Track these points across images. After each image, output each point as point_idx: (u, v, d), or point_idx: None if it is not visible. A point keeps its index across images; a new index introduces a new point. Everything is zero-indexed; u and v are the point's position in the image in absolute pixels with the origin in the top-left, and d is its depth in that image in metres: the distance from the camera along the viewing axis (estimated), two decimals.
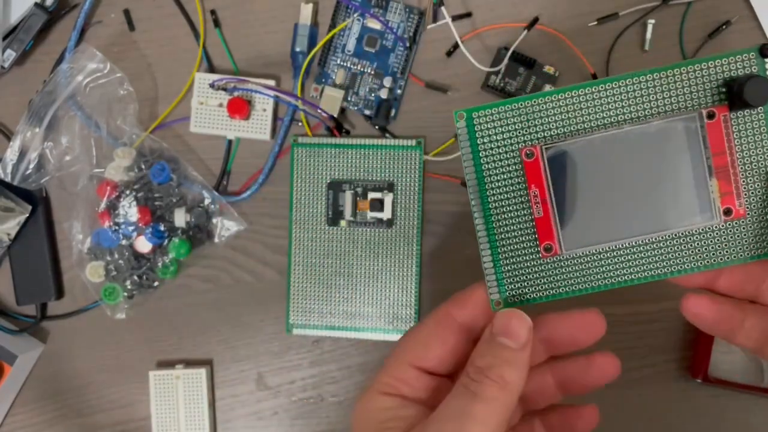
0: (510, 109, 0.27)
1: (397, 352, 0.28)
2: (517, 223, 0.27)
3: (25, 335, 0.50)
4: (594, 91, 0.27)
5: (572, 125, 0.27)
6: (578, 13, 0.48)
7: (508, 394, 0.25)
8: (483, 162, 0.27)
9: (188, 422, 0.48)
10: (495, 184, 0.27)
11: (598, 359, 0.29)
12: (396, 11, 0.48)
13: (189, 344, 0.50)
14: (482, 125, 0.27)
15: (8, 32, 0.49)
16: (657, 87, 0.27)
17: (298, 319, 0.48)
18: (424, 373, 0.27)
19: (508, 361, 0.26)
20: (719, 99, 0.27)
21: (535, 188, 0.27)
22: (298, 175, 0.48)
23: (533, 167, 0.27)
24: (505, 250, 0.28)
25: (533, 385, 0.29)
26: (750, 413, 0.47)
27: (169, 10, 0.50)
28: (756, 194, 0.27)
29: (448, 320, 0.28)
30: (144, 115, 0.50)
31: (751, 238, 0.27)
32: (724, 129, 0.27)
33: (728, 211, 0.27)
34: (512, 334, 0.26)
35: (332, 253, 0.48)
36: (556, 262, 0.28)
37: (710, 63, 0.27)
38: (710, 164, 0.27)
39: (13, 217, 0.48)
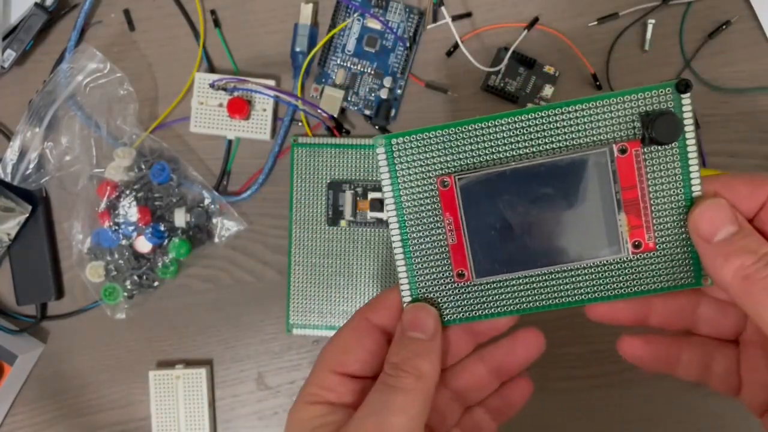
0: (427, 137, 0.27)
1: (318, 361, 0.29)
2: (433, 247, 0.28)
3: (25, 335, 0.50)
4: (509, 122, 0.27)
5: (487, 156, 0.27)
6: (578, 13, 0.48)
7: (424, 383, 0.26)
8: (402, 188, 0.28)
9: (188, 422, 0.48)
10: (412, 209, 0.28)
11: (520, 335, 0.30)
12: (396, 11, 0.48)
13: (189, 344, 0.50)
14: (401, 152, 0.27)
15: (8, 32, 0.49)
16: (572, 120, 0.27)
17: (298, 319, 0.48)
18: (348, 377, 0.28)
19: (419, 353, 0.27)
20: (633, 134, 0.27)
21: (450, 216, 0.28)
22: (298, 175, 0.48)
23: (448, 196, 0.27)
24: (421, 271, 0.28)
25: (467, 380, 0.30)
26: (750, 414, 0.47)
27: (169, 10, 0.50)
28: (667, 228, 0.27)
29: (365, 324, 0.29)
30: (144, 115, 0.50)
31: (661, 271, 0.28)
32: (636, 164, 0.27)
33: (638, 244, 0.27)
34: (420, 326, 0.27)
35: (332, 253, 0.48)
36: (468, 287, 0.28)
37: (626, 97, 0.27)
38: (619, 198, 0.27)
39: (13, 217, 0.49)
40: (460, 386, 0.30)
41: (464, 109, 0.48)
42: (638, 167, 0.27)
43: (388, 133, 0.27)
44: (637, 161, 0.27)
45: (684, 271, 0.28)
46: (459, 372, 0.30)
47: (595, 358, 0.47)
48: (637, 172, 0.27)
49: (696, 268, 0.28)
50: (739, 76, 0.47)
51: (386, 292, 0.29)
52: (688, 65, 0.47)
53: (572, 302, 0.28)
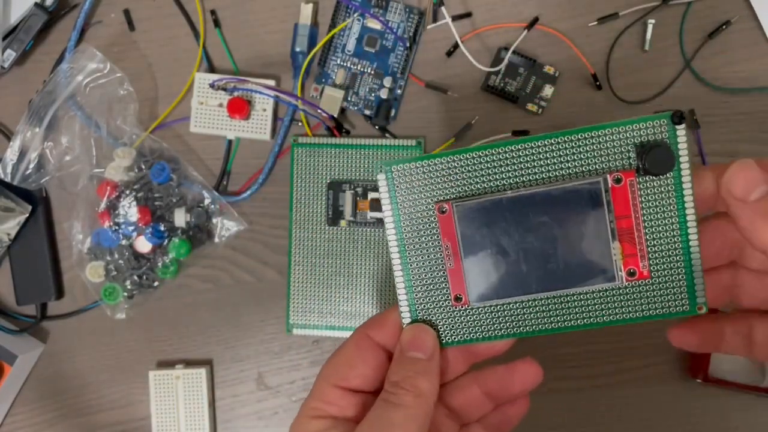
0: (428, 165, 0.28)
1: (321, 375, 0.29)
2: (432, 271, 0.29)
3: (25, 335, 0.50)
4: (506, 152, 0.28)
5: (485, 183, 0.28)
6: (578, 13, 0.48)
7: (423, 401, 0.27)
8: (401, 213, 0.28)
9: (188, 422, 0.48)
10: (412, 234, 0.29)
11: (518, 367, 0.30)
12: (396, 11, 0.48)
13: (189, 344, 0.50)
14: (401, 178, 0.28)
15: (8, 32, 0.49)
16: (568, 149, 0.27)
17: (298, 319, 0.48)
18: (350, 392, 0.29)
19: (418, 372, 0.28)
20: (628, 164, 0.27)
21: (448, 241, 0.28)
22: (298, 175, 0.48)
23: (446, 222, 0.28)
24: (420, 294, 0.29)
25: (462, 400, 0.31)
26: (750, 413, 0.47)
27: (169, 10, 0.50)
28: (662, 257, 0.28)
29: (367, 341, 0.30)
30: (144, 115, 0.50)
31: (656, 298, 0.28)
32: (631, 193, 0.27)
33: (632, 272, 0.28)
34: (419, 346, 0.28)
35: (332, 253, 0.48)
36: (466, 311, 0.29)
37: (622, 128, 0.27)
38: (614, 227, 0.27)
39: (13, 217, 0.49)
40: (456, 405, 0.31)
41: (464, 109, 0.48)
42: (633, 197, 0.27)
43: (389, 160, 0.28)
44: (631, 191, 0.27)
45: (679, 298, 0.28)
46: (454, 391, 0.31)
47: (595, 358, 0.47)
48: (631, 202, 0.27)
49: (690, 295, 0.28)
50: (739, 76, 0.47)
51: (387, 312, 0.30)
52: (688, 65, 0.47)
53: (567, 327, 0.29)
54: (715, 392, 0.47)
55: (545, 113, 0.47)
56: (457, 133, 0.48)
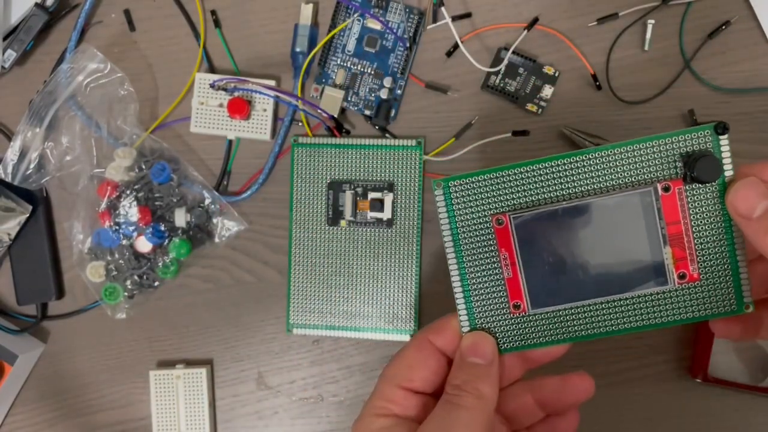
0: (483, 179, 0.29)
1: (385, 375, 0.31)
2: (489, 280, 0.30)
3: (26, 335, 0.50)
4: (558, 165, 0.29)
5: (539, 195, 0.29)
6: (578, 13, 0.48)
7: (485, 403, 0.28)
8: (459, 226, 0.30)
9: (188, 422, 0.48)
10: (469, 246, 0.30)
11: (572, 380, 0.31)
12: (396, 11, 0.48)
13: (189, 344, 0.50)
14: (458, 193, 0.30)
15: (9, 32, 0.49)
16: (617, 161, 0.29)
17: (298, 319, 0.48)
18: (412, 392, 0.30)
19: (479, 376, 0.29)
20: (675, 173, 0.29)
21: (505, 252, 0.30)
22: (298, 175, 0.48)
23: (503, 233, 0.29)
24: (478, 303, 0.30)
25: (514, 406, 0.32)
26: (750, 413, 0.47)
27: (170, 11, 0.50)
28: (710, 260, 0.29)
29: (428, 346, 0.31)
30: (144, 115, 0.50)
31: (705, 299, 0.29)
32: (679, 201, 0.29)
33: (683, 275, 0.29)
34: (479, 352, 0.30)
35: (332, 253, 0.48)
36: (523, 318, 0.30)
37: (668, 139, 0.29)
38: (665, 233, 0.29)
39: (13, 217, 0.49)
40: (509, 411, 0.32)
41: (464, 109, 0.48)
42: (681, 204, 0.29)
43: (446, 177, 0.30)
44: (680, 198, 0.29)
45: (727, 298, 0.29)
46: (508, 397, 0.32)
47: (595, 358, 0.47)
48: (680, 209, 0.29)
49: (738, 295, 0.29)
50: (739, 76, 0.47)
51: (447, 318, 0.31)
52: (688, 65, 0.47)
53: (621, 330, 0.30)
54: (715, 392, 0.47)
55: (545, 113, 0.47)
56: (457, 133, 0.48)
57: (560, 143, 0.47)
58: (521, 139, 0.47)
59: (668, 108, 0.47)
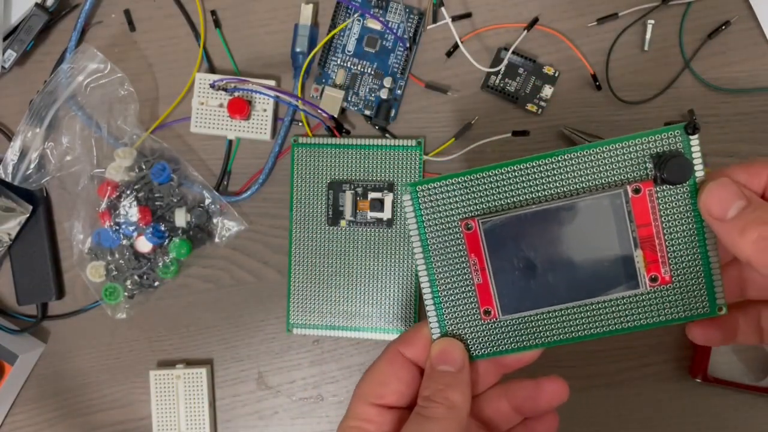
0: (451, 183, 0.29)
1: (356, 394, 0.30)
2: (459, 287, 0.29)
3: (26, 335, 0.50)
4: (527, 168, 0.28)
5: (509, 199, 0.29)
6: (578, 13, 0.48)
7: (456, 412, 0.28)
8: (427, 231, 0.29)
9: (188, 422, 0.48)
10: (439, 251, 0.29)
11: (544, 385, 0.31)
12: (396, 12, 0.48)
13: (189, 344, 0.50)
14: (426, 198, 0.29)
15: (9, 32, 0.49)
16: (587, 163, 0.28)
17: (298, 318, 0.48)
18: (385, 408, 0.29)
19: (449, 385, 0.28)
20: (646, 174, 0.28)
21: (474, 257, 0.29)
22: (299, 175, 0.48)
23: (472, 238, 0.29)
24: (449, 310, 0.30)
25: (491, 411, 0.31)
26: (750, 413, 0.47)
27: (170, 11, 0.50)
28: (682, 262, 0.29)
29: (399, 358, 0.30)
30: (144, 116, 0.50)
31: (678, 302, 0.29)
32: (650, 203, 0.28)
33: (654, 278, 0.29)
34: (448, 360, 0.29)
35: (332, 253, 0.48)
36: (495, 324, 0.30)
37: (637, 140, 0.28)
38: (635, 236, 0.28)
39: (13, 217, 0.49)
40: (485, 416, 0.31)
41: (464, 109, 0.48)
42: (652, 206, 0.28)
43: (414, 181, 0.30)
44: (650, 200, 0.28)
45: (699, 301, 0.29)
46: (484, 403, 0.31)
47: (594, 358, 0.47)
48: (651, 211, 0.28)
49: (711, 298, 0.29)
50: (739, 76, 0.47)
51: (417, 327, 0.31)
52: (688, 65, 0.47)
53: (594, 334, 0.29)
54: (715, 392, 0.47)
55: (545, 113, 0.47)
56: (457, 133, 0.48)
57: (560, 143, 0.47)
58: (521, 139, 0.47)
59: (668, 108, 0.47)
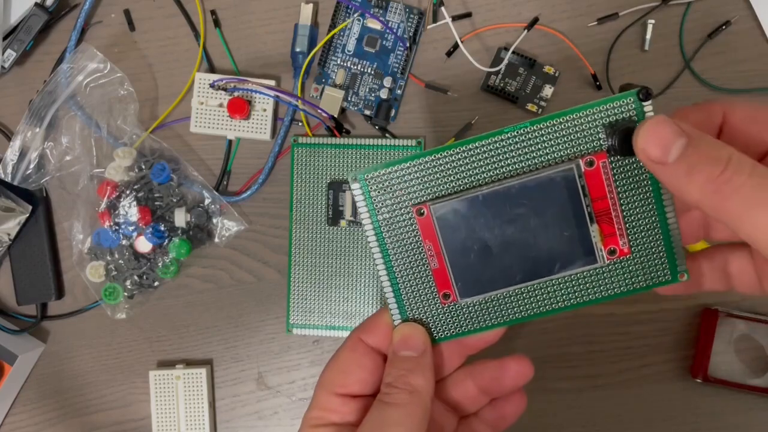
0: (400, 169, 0.28)
1: (319, 384, 0.30)
2: (416, 272, 0.29)
3: (26, 335, 0.50)
4: (474, 148, 0.28)
5: (459, 182, 0.28)
6: (578, 13, 0.48)
7: (418, 397, 0.27)
8: (380, 219, 0.29)
9: (188, 422, 0.48)
10: (393, 238, 0.29)
11: (508, 364, 0.30)
12: (396, 11, 0.48)
13: (189, 344, 0.50)
14: (375, 185, 0.28)
15: (8, 32, 0.49)
16: (538, 138, 0.27)
17: (298, 319, 0.48)
18: (349, 397, 0.29)
19: (411, 370, 0.28)
20: (599, 146, 0.27)
21: (429, 242, 0.29)
22: (298, 175, 0.48)
23: (425, 223, 0.28)
24: (408, 295, 0.30)
25: (457, 394, 0.31)
26: (750, 413, 0.47)
27: (170, 11, 0.50)
28: (640, 232, 0.28)
29: (361, 346, 0.30)
30: (144, 115, 0.50)
31: (638, 272, 0.29)
32: (604, 175, 0.27)
33: (613, 251, 0.28)
34: (409, 344, 0.29)
35: (332, 253, 0.48)
36: (455, 306, 0.29)
37: (590, 110, 0.27)
38: (591, 210, 0.28)
39: (13, 217, 0.49)
40: (452, 399, 0.31)
41: (464, 109, 0.48)
42: (606, 178, 0.27)
43: (361, 169, 0.28)
44: (605, 172, 0.27)
45: (660, 269, 0.28)
46: (450, 386, 0.31)
47: (595, 358, 0.47)
48: (606, 183, 0.27)
49: (671, 265, 0.28)
50: (739, 76, 0.47)
51: (378, 314, 0.30)
52: (688, 65, 0.47)
53: (555, 310, 0.29)
54: (715, 392, 0.47)
55: (545, 113, 0.47)
56: (457, 133, 0.48)
57: None
58: None
59: (668, 108, 0.47)
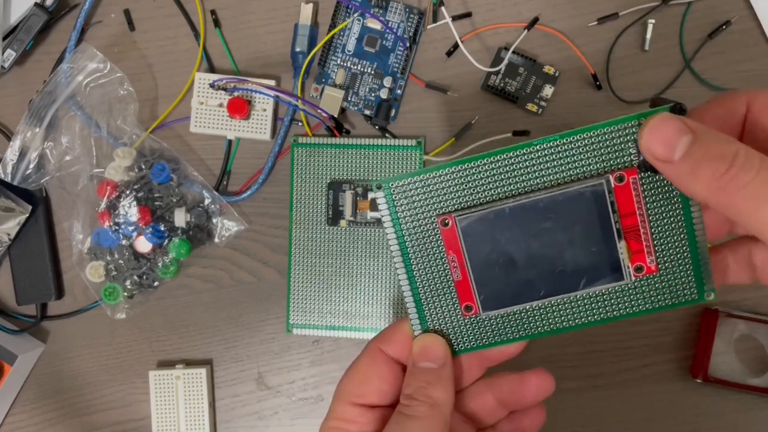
0: (426, 179, 0.28)
1: (337, 394, 0.29)
2: (439, 283, 0.29)
3: (26, 335, 0.50)
4: (504, 159, 0.27)
5: (486, 192, 0.27)
6: (578, 13, 0.48)
7: (438, 410, 0.27)
8: (404, 228, 0.28)
9: (188, 422, 0.48)
10: (416, 248, 0.28)
11: (529, 378, 0.30)
12: (396, 11, 0.48)
13: (189, 344, 0.50)
14: (400, 195, 0.28)
15: (8, 32, 0.49)
16: (568, 152, 0.27)
17: (298, 319, 0.48)
18: (367, 408, 0.29)
19: (431, 382, 0.28)
20: (630, 161, 0.27)
21: (453, 254, 0.28)
22: (298, 175, 0.48)
23: (450, 234, 0.28)
24: (429, 306, 0.29)
25: (476, 405, 0.31)
26: (750, 413, 0.47)
27: (170, 10, 0.50)
28: (668, 250, 0.27)
29: (380, 356, 0.29)
30: (144, 115, 0.50)
31: (665, 290, 0.28)
32: (634, 191, 0.27)
33: (640, 268, 0.27)
34: (429, 356, 0.28)
35: (332, 253, 0.48)
36: (476, 319, 0.29)
37: (621, 125, 0.26)
38: (619, 227, 0.27)
39: (13, 217, 0.49)
40: (470, 411, 0.31)
41: (464, 109, 0.48)
42: (636, 194, 0.27)
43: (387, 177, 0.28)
44: (634, 188, 0.27)
45: (687, 287, 0.28)
46: (469, 397, 0.31)
47: (595, 358, 0.47)
48: (635, 199, 0.27)
49: (698, 284, 0.28)
50: (739, 76, 0.47)
51: (398, 324, 0.30)
52: (688, 65, 0.47)
53: (578, 325, 0.29)
54: (715, 392, 0.47)
55: (545, 113, 0.47)
56: (457, 133, 0.48)
57: None
58: (521, 139, 0.47)
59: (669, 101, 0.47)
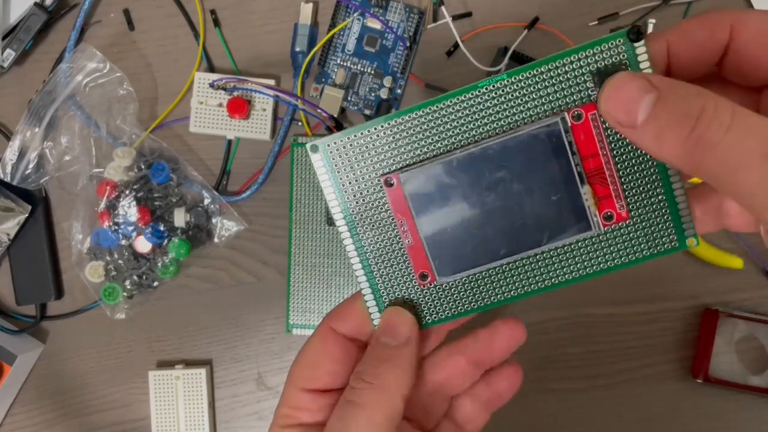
0: (362, 136, 0.25)
1: (288, 379, 0.27)
2: (391, 251, 0.26)
3: (25, 335, 0.50)
4: (446, 106, 0.24)
5: (431, 146, 0.25)
6: (578, 13, 0.47)
7: (387, 395, 0.24)
8: (345, 193, 0.25)
9: (188, 422, 0.48)
10: (361, 214, 0.26)
11: (500, 327, 0.28)
12: (396, 11, 0.48)
13: (189, 344, 0.50)
14: (338, 156, 0.25)
15: (8, 32, 0.49)
16: (518, 91, 0.24)
17: (298, 319, 0.48)
18: (319, 393, 0.26)
19: (385, 360, 0.25)
20: (587, 96, 0.23)
21: (401, 216, 0.25)
22: (298, 175, 0.48)
23: (396, 195, 0.25)
24: (382, 277, 0.26)
25: (447, 372, 0.28)
26: (750, 413, 0.47)
27: (169, 10, 0.50)
28: (640, 193, 0.24)
29: (331, 335, 0.27)
30: (144, 115, 0.50)
31: (640, 239, 0.25)
32: (594, 129, 0.24)
33: (609, 216, 0.25)
34: (391, 331, 0.25)
35: (332, 253, 0.48)
36: (434, 288, 0.26)
37: (573, 56, 0.23)
38: (581, 170, 0.24)
39: (12, 217, 0.48)
40: (440, 378, 0.29)
41: None
42: (597, 132, 0.24)
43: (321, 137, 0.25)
44: (595, 126, 0.24)
45: (665, 234, 0.25)
46: (436, 365, 0.29)
47: (594, 358, 0.47)
48: (597, 138, 0.24)
49: (678, 229, 0.25)
50: None
51: (350, 299, 0.28)
52: None
53: (549, 287, 0.26)
54: (715, 392, 0.47)
55: None
56: None
57: None
58: None
59: None
